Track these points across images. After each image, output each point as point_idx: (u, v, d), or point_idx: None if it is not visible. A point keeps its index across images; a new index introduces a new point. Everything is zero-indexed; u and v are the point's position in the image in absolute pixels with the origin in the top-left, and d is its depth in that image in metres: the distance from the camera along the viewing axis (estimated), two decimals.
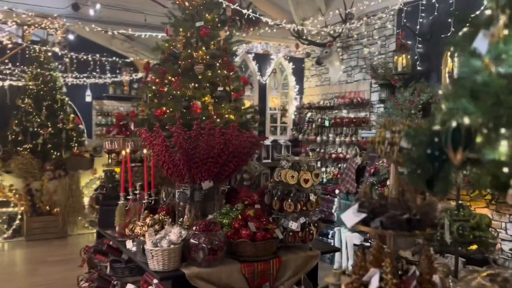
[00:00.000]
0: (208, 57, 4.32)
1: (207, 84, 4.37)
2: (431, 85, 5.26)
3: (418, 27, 5.58)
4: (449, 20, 5.20)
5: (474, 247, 4.78)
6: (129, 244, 3.21)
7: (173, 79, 4.39)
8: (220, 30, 4.36)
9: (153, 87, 4.41)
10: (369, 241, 5.57)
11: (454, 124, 1.19)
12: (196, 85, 4.37)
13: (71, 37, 8.22)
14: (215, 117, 4.35)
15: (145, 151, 3.43)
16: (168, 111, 4.40)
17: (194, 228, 3.02)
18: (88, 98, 11.36)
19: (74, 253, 6.55)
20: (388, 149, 1.95)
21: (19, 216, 7.36)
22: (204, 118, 4.33)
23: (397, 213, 1.84)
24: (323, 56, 6.67)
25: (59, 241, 7.22)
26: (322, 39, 7.22)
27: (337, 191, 6.14)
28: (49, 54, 8.50)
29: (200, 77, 4.34)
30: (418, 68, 5.55)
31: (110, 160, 4.34)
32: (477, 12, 4.62)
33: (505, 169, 1.00)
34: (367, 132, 5.90)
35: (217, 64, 4.36)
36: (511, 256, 4.75)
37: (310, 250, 3.46)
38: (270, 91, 7.19)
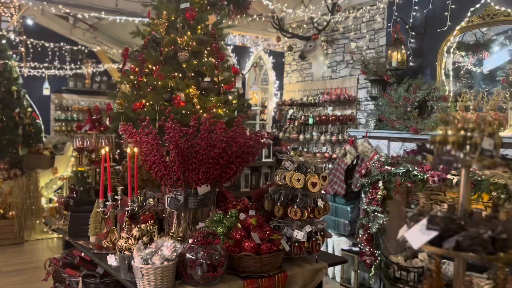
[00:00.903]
0: (194, 43, 3.85)
1: (192, 74, 3.89)
2: (428, 81, 5.00)
3: (411, 20, 5.31)
4: (446, 14, 4.95)
5: None
6: (111, 259, 2.71)
7: (153, 67, 3.89)
8: (210, 13, 3.90)
9: (131, 77, 3.90)
10: (359, 246, 5.27)
11: None
12: (180, 74, 3.89)
13: (29, 22, 7.46)
14: (201, 111, 3.88)
15: (128, 149, 2.93)
16: (147, 104, 3.89)
17: (190, 240, 2.57)
18: (46, 91, 10.55)
19: (32, 261, 5.92)
20: (457, 151, 1.58)
21: None
22: (188, 112, 3.87)
23: (480, 231, 1.47)
24: (306, 50, 6.31)
25: (15, 247, 6.53)
26: (304, 32, 6.87)
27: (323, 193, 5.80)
28: (3, 41, 7.71)
29: (184, 65, 3.86)
30: (411, 63, 5.28)
31: (80, 160, 3.79)
32: (477, 6, 4.26)
33: None
34: (356, 131, 5.59)
35: (205, 51, 3.89)
36: None
37: (316, 262, 3.08)
38: (249, 86, 6.77)
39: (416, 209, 1.64)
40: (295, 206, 2.97)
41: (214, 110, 3.79)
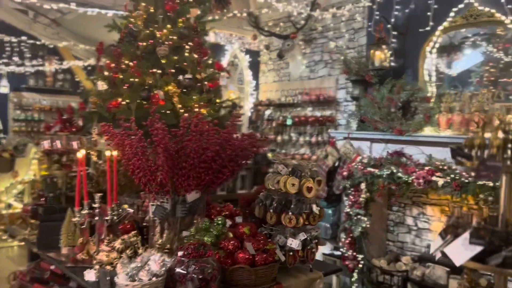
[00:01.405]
0: (174, 37, 3.59)
1: (172, 70, 3.64)
2: (410, 82, 4.92)
3: (392, 20, 5.23)
4: (428, 13, 4.89)
5: None
6: (89, 275, 2.43)
7: (130, 63, 3.61)
8: (192, 6, 3.65)
9: (106, 73, 3.61)
10: (340, 250, 5.13)
11: None
12: (159, 71, 3.63)
13: None
14: (181, 111, 3.63)
15: (107, 152, 2.66)
16: (123, 102, 3.61)
17: (180, 253, 2.33)
18: (4, 89, 9.94)
19: None
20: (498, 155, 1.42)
21: None
22: (168, 112, 3.61)
23: None
24: (285, 49, 6.14)
25: None
26: (281, 30, 6.70)
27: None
28: None
29: (163, 61, 3.59)
30: (392, 64, 5.19)
31: (49, 163, 3.47)
32: (460, 6, 4.17)
33: None
34: (337, 132, 5.47)
35: (186, 46, 3.64)
36: None
37: (311, 272, 2.90)
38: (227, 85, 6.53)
39: (451, 220, 1.46)
40: (290, 213, 2.78)
41: (196, 110, 3.55)
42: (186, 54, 3.63)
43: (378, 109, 4.89)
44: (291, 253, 2.77)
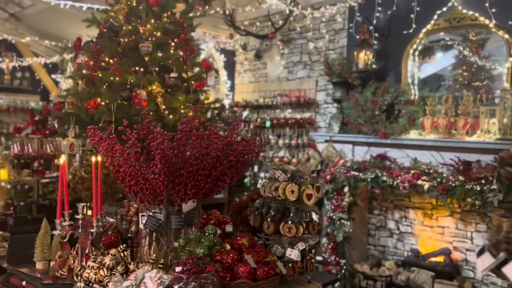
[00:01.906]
0: (158, 33, 3.36)
1: (156, 69, 3.41)
2: (393, 84, 4.88)
3: (374, 21, 5.17)
4: (411, 16, 4.86)
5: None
6: None
7: (110, 61, 3.34)
8: (178, 1, 3.42)
9: (84, 72, 3.33)
10: (323, 255, 5.02)
11: None
12: (141, 69, 3.39)
13: None
14: (166, 112, 3.41)
15: (92, 158, 2.41)
16: (103, 103, 3.34)
17: (178, 269, 2.12)
18: None
19: None
20: None
21: None
22: (151, 113, 3.37)
23: None
24: (262, 49, 5.99)
25: None
26: (257, 30, 6.54)
27: None
28: None
29: (147, 58, 3.35)
30: (374, 66, 5.14)
31: (19, 168, 3.16)
32: (444, 9, 4.14)
33: None
34: (319, 134, 5.37)
35: (171, 43, 3.41)
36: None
37: (309, 283, 2.75)
38: None
39: (500, 235, 1.34)
40: (289, 222, 2.61)
41: (182, 111, 3.34)
42: (171, 51, 3.40)
43: (362, 112, 4.82)
44: (290, 265, 2.61)
